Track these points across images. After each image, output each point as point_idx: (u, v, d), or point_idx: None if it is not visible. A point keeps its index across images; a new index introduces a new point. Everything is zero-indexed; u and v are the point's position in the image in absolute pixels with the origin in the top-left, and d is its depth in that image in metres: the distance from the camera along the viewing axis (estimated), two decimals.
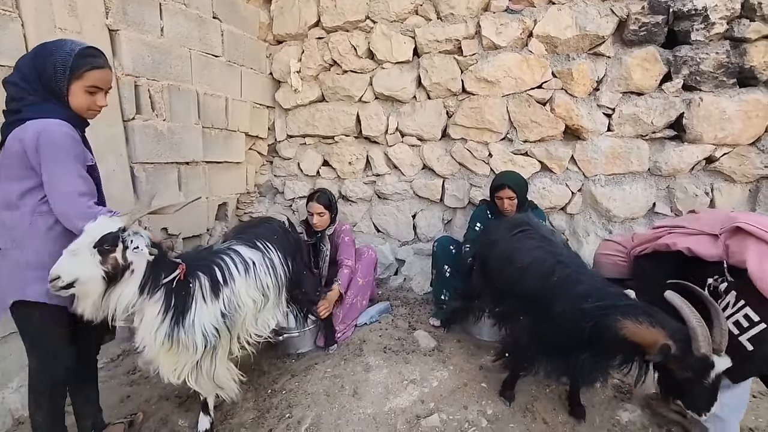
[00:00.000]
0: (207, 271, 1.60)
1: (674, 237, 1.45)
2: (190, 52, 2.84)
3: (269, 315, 1.89)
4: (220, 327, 1.58)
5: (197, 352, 1.51)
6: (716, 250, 1.31)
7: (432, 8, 3.13)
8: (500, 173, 2.71)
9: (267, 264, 1.83)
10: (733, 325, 1.22)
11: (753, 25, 2.48)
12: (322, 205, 2.53)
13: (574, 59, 2.84)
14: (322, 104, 3.58)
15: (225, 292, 1.61)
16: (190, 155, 2.86)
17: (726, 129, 2.60)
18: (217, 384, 1.64)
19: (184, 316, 1.47)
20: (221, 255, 1.71)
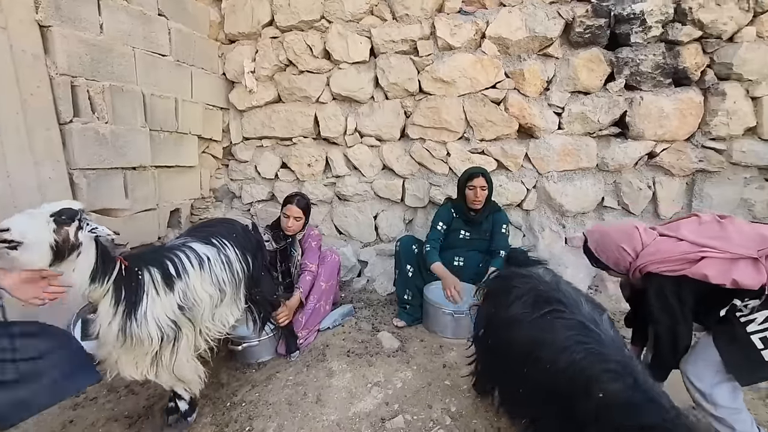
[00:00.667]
0: (158, 264, 1.57)
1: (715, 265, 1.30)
2: (134, 50, 2.68)
3: (227, 311, 1.84)
4: (178, 319, 1.57)
5: (152, 344, 1.49)
6: (761, 277, 1.25)
7: (387, 9, 3.13)
8: (468, 168, 2.72)
9: (222, 260, 1.79)
10: (759, 339, 1.26)
11: (685, 29, 2.66)
12: (300, 209, 2.45)
13: (525, 60, 2.93)
14: (278, 105, 3.49)
15: (179, 285, 1.59)
16: (137, 160, 2.71)
17: (664, 126, 2.77)
18: (178, 377, 1.62)
19: (136, 309, 1.46)
20: (173, 250, 1.68)
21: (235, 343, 2.17)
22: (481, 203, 2.54)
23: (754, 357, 1.26)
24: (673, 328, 1.41)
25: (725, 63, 2.65)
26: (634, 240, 1.51)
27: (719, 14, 2.58)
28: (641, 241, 1.50)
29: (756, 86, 2.66)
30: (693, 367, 1.41)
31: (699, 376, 1.38)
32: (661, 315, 1.42)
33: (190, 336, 1.65)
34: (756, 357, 1.26)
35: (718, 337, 1.36)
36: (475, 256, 2.63)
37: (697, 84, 2.76)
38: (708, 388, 1.36)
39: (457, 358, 2.18)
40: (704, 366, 1.38)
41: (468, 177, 2.55)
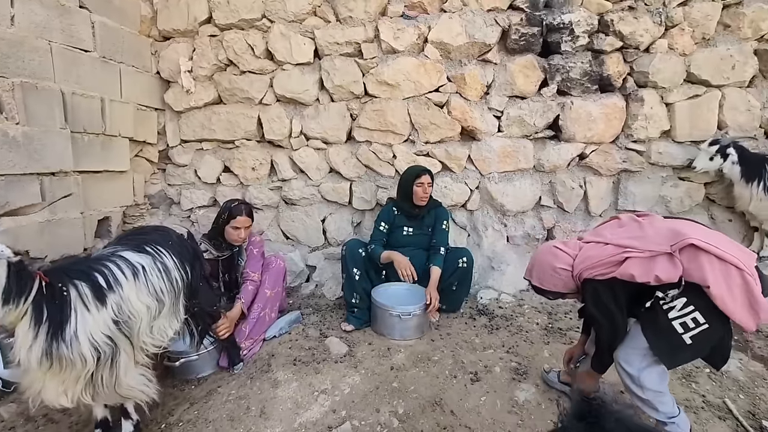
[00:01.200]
0: (85, 278, 1.44)
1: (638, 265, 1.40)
2: (50, 44, 2.46)
3: (165, 323, 1.73)
4: (114, 335, 1.45)
5: (87, 365, 1.36)
6: (677, 271, 1.35)
7: (330, 10, 3.11)
8: (411, 166, 2.79)
9: (159, 268, 1.67)
10: (679, 324, 1.36)
11: (608, 39, 2.87)
12: (250, 218, 2.35)
13: (465, 65, 3.02)
14: (219, 106, 3.35)
15: (112, 298, 1.46)
16: (56, 164, 2.47)
17: (593, 129, 2.97)
18: (123, 394, 1.52)
19: (63, 329, 1.32)
20: (102, 261, 1.54)
21: (172, 359, 2.04)
22: (427, 200, 2.63)
23: (676, 341, 1.37)
24: (612, 327, 1.51)
25: (643, 71, 2.89)
26: (560, 257, 1.60)
27: (636, 27, 2.82)
28: (568, 253, 1.60)
29: (669, 93, 2.93)
30: (623, 353, 1.50)
31: (629, 361, 1.48)
32: (600, 317, 1.52)
33: (128, 351, 1.54)
34: (677, 341, 1.37)
35: (644, 325, 1.46)
36: (421, 255, 2.67)
37: (620, 90, 2.99)
38: (636, 372, 1.45)
39: (404, 359, 2.19)
40: (633, 352, 1.47)
41: (416, 175, 2.60)
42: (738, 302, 1.29)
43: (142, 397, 1.60)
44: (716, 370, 1.67)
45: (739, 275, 1.29)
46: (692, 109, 2.92)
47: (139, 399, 1.59)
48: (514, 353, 2.22)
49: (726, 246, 1.34)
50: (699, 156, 2.79)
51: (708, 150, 2.73)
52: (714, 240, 1.35)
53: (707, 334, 1.35)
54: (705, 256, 1.31)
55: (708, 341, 1.38)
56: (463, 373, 2.06)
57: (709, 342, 1.38)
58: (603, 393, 1.81)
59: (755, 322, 1.29)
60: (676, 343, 1.37)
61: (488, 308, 2.75)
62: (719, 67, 2.86)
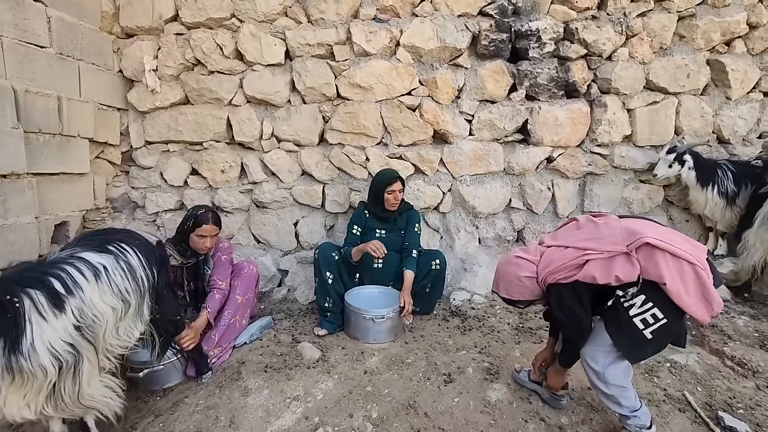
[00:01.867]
0: (39, 284, 1.35)
1: (598, 266, 1.44)
2: (1, 39, 2.31)
3: (131, 323, 1.65)
4: (76, 342, 1.37)
5: (48, 375, 1.29)
6: (635, 270, 1.39)
7: (302, 11, 3.07)
8: (382, 170, 2.78)
9: (123, 267, 1.59)
10: (639, 321, 1.41)
11: (573, 47, 2.97)
12: (217, 226, 2.29)
13: (437, 69, 3.06)
14: (186, 107, 3.24)
15: (72, 302, 1.38)
16: (7, 166, 2.32)
17: (559, 133, 3.06)
18: (87, 405, 1.44)
19: (19, 342, 1.24)
20: (59, 264, 1.45)
21: (135, 370, 1.95)
22: (397, 205, 2.64)
23: (638, 337, 1.42)
24: (578, 327, 1.56)
25: (606, 78, 3.01)
26: (523, 266, 1.63)
27: (599, 35, 2.93)
28: (530, 260, 1.63)
29: (630, 99, 3.06)
30: (589, 351, 1.55)
31: (594, 359, 1.52)
32: (565, 319, 1.56)
33: (92, 358, 1.46)
34: (639, 337, 1.42)
35: (607, 323, 1.51)
36: (394, 257, 2.67)
37: (585, 96, 3.11)
38: (602, 368, 1.50)
39: (378, 363, 2.18)
40: (598, 349, 1.52)
41: (387, 183, 2.59)
42: (692, 296, 1.34)
43: (105, 409, 1.52)
44: (682, 348, 1.75)
45: (692, 270, 1.34)
46: (651, 115, 3.07)
47: (102, 411, 1.51)
48: (486, 353, 2.25)
49: (678, 242, 1.39)
50: (659, 164, 2.92)
51: (666, 158, 2.86)
52: (667, 237, 1.40)
53: (666, 329, 1.41)
54: (660, 253, 1.36)
55: (667, 335, 1.44)
56: (436, 374, 2.07)
57: (668, 335, 1.45)
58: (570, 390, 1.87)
59: (709, 314, 1.35)
60: (637, 339, 1.42)
61: (461, 309, 2.77)
62: (675, 75, 3.01)
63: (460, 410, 1.83)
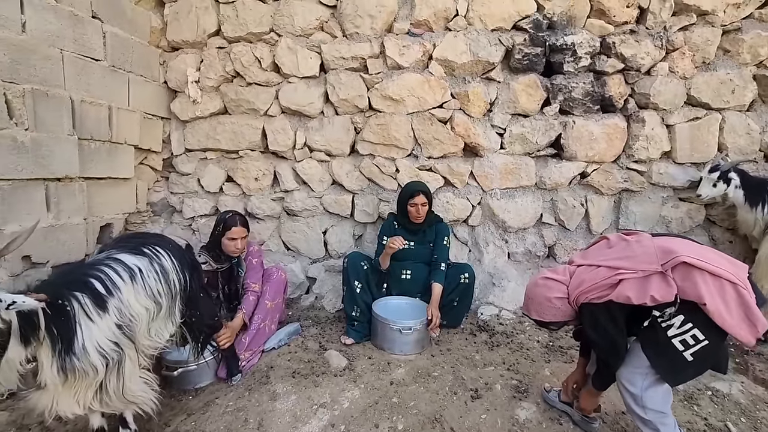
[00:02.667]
0: (83, 287, 1.42)
1: (633, 286, 1.40)
2: (62, 53, 2.49)
3: (162, 325, 1.72)
4: (119, 340, 1.46)
5: (98, 374, 1.38)
6: (671, 289, 1.34)
7: (337, 26, 3.16)
8: (409, 183, 2.80)
9: (156, 270, 1.67)
10: (679, 342, 1.35)
11: (609, 61, 2.92)
12: (245, 228, 2.37)
13: (469, 82, 3.07)
14: (224, 117, 3.38)
15: (112, 302, 1.46)
16: (62, 170, 2.49)
17: (594, 148, 3.00)
18: (128, 400, 1.52)
19: (72, 344, 1.33)
20: (97, 266, 1.53)
21: (170, 369, 2.03)
22: (423, 217, 2.64)
23: (677, 359, 1.35)
24: (612, 348, 1.51)
25: (644, 93, 2.94)
26: (552, 287, 1.60)
27: (638, 50, 2.87)
28: (559, 281, 1.60)
29: (669, 115, 2.97)
30: (625, 373, 1.49)
31: (631, 381, 1.46)
32: (599, 340, 1.52)
33: (132, 355, 1.54)
34: (679, 359, 1.35)
35: (644, 344, 1.45)
36: (422, 268, 2.67)
37: (621, 111, 3.03)
38: (639, 391, 1.44)
39: (404, 374, 2.17)
40: (635, 371, 1.46)
41: (409, 195, 2.61)
42: (735, 317, 1.29)
43: (144, 405, 1.59)
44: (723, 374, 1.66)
45: (733, 289, 1.29)
46: (692, 131, 2.96)
47: (143, 405, 1.59)
48: (514, 371, 2.21)
49: (717, 261, 1.34)
50: (702, 184, 2.78)
51: (710, 177, 2.72)
52: (705, 255, 1.35)
53: (707, 351, 1.34)
54: (698, 273, 1.31)
55: (709, 358, 1.37)
56: (463, 389, 2.04)
57: (710, 358, 1.38)
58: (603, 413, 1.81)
59: (753, 335, 1.29)
60: (677, 361, 1.36)
61: (489, 324, 2.73)
62: (719, 90, 2.90)
63: (488, 427, 1.80)
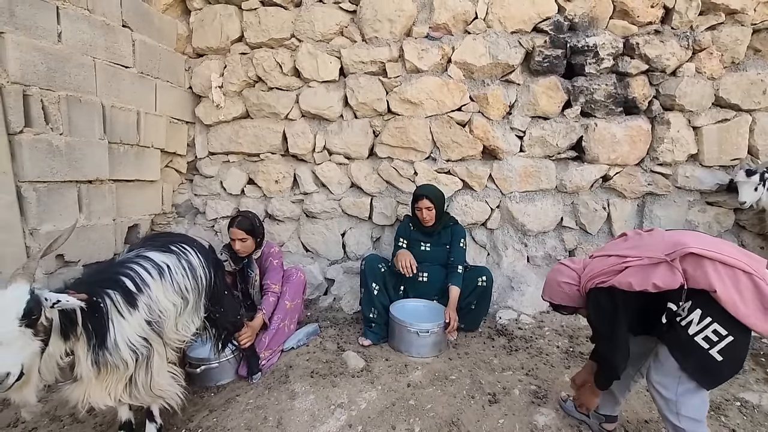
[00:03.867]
0: (115, 285, 1.49)
1: (636, 272, 1.40)
2: (94, 61, 2.61)
3: (188, 320, 1.78)
4: (148, 336, 1.51)
5: (129, 368, 1.45)
6: (676, 278, 1.32)
7: (357, 31, 3.20)
8: (418, 187, 2.83)
9: (184, 266, 1.73)
10: (702, 339, 1.30)
11: (633, 62, 2.87)
12: (243, 230, 2.36)
13: (488, 85, 3.06)
14: (246, 121, 3.47)
15: (142, 299, 1.52)
16: (93, 173, 2.60)
17: (617, 151, 2.94)
18: (156, 394, 1.57)
19: (105, 339, 1.39)
20: (127, 264, 1.59)
21: (193, 366, 2.08)
22: (432, 221, 2.64)
23: (705, 358, 1.29)
24: (611, 337, 1.47)
25: (669, 95, 2.87)
26: (564, 272, 1.65)
27: (663, 50, 2.81)
28: (573, 269, 1.63)
29: (696, 117, 2.89)
30: (656, 376, 1.43)
31: (664, 385, 1.41)
32: (599, 324, 1.52)
33: (160, 350, 1.60)
34: (706, 358, 1.29)
35: (669, 345, 1.39)
36: (439, 271, 2.67)
37: (645, 113, 2.97)
38: (674, 396, 1.38)
39: (421, 377, 2.17)
40: (666, 375, 1.40)
41: (414, 199, 2.64)
42: (750, 306, 1.24)
43: (172, 399, 1.64)
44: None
45: (748, 279, 1.25)
46: (721, 133, 2.87)
47: (169, 400, 1.63)
48: (533, 376, 2.18)
49: (731, 252, 1.31)
50: (743, 190, 2.64)
51: (750, 181, 2.59)
52: (718, 247, 1.32)
53: (735, 348, 1.28)
54: (709, 262, 1.29)
55: (740, 354, 1.30)
56: (480, 393, 2.03)
57: (740, 355, 1.31)
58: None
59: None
60: (706, 361, 1.29)
61: (507, 329, 2.71)
62: (749, 91, 2.81)
63: None
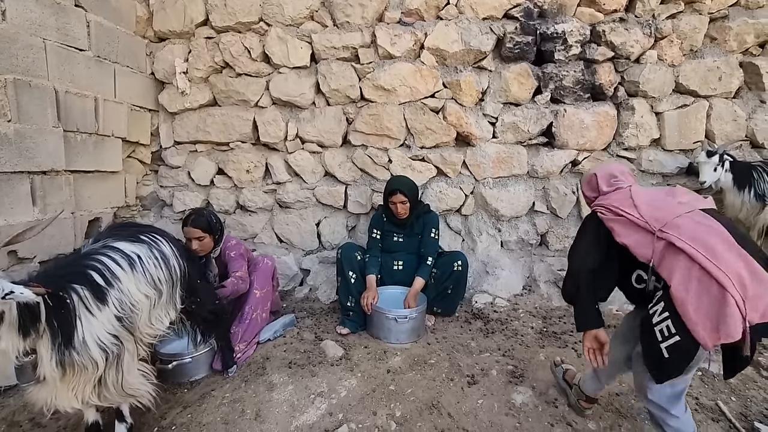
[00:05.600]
0: (82, 279, 1.39)
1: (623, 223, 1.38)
2: (44, 42, 2.43)
3: (162, 312, 1.70)
4: (119, 333, 1.43)
5: (98, 368, 1.36)
6: (647, 251, 1.28)
7: (328, 15, 3.13)
8: (391, 179, 2.78)
9: (156, 256, 1.65)
10: (658, 331, 1.22)
11: (600, 49, 2.94)
12: (199, 229, 2.16)
13: (461, 71, 3.06)
14: (214, 108, 3.33)
15: (112, 294, 1.43)
16: (47, 163, 2.43)
17: (585, 136, 3.02)
18: (127, 393, 1.50)
19: (72, 337, 1.30)
20: (95, 256, 1.49)
21: (165, 362, 2.00)
22: (406, 214, 2.60)
23: (656, 349, 1.22)
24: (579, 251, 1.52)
25: (633, 81, 2.96)
26: (591, 183, 1.69)
27: (627, 38, 2.89)
28: (597, 186, 1.64)
29: (658, 103, 3.00)
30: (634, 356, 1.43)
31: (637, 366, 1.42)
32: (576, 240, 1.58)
33: (131, 348, 1.51)
34: (657, 350, 1.22)
35: (640, 331, 1.34)
36: (413, 259, 2.68)
37: (611, 99, 3.06)
38: (644, 380, 1.37)
39: (401, 363, 2.18)
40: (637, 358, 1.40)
41: (388, 194, 2.59)
42: (701, 315, 1.13)
43: (143, 397, 1.57)
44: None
45: (721, 293, 1.11)
46: (681, 118, 3.00)
47: (140, 399, 1.57)
48: (510, 356, 2.23)
49: (729, 262, 1.15)
50: (703, 171, 2.73)
51: (710, 161, 2.70)
52: (715, 251, 1.17)
53: (680, 350, 1.18)
54: (686, 258, 1.19)
55: (682, 357, 1.19)
56: (459, 376, 2.06)
57: (683, 358, 1.20)
58: None
59: (712, 339, 1.12)
60: (657, 353, 1.22)
61: (483, 312, 2.75)
62: (707, 78, 2.94)
63: (485, 412, 1.81)
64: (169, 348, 2.09)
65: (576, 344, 2.33)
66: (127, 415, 1.63)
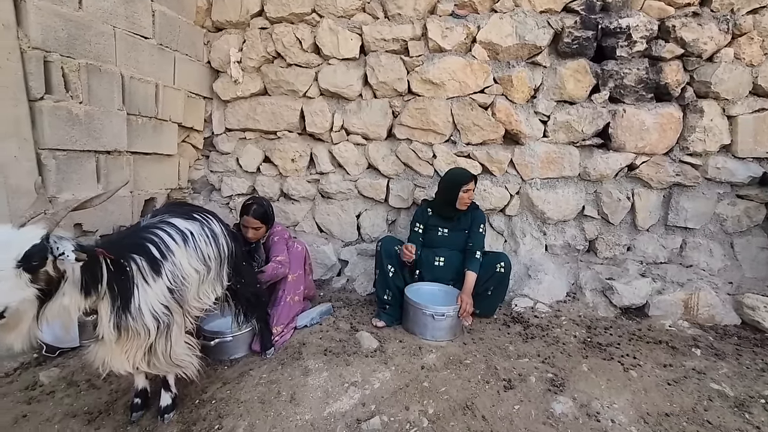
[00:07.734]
0: (141, 250, 1.47)
1: None
2: (114, 30, 2.57)
3: (209, 288, 1.77)
4: (170, 304, 1.50)
5: (150, 336, 1.44)
6: None
7: (380, 7, 3.11)
8: (456, 169, 2.73)
9: (207, 234, 1.71)
10: None
11: (668, 46, 2.74)
12: (258, 219, 2.30)
13: (513, 67, 2.96)
14: (264, 97, 3.42)
15: (166, 266, 1.50)
16: (112, 144, 2.59)
17: (645, 139, 2.83)
18: (174, 363, 1.58)
19: (129, 303, 1.38)
20: (152, 229, 1.57)
21: (208, 339, 2.08)
22: (470, 203, 2.61)
23: None
24: None
25: (704, 81, 2.74)
26: None
27: (700, 34, 2.67)
28: None
29: (732, 105, 2.76)
30: None
31: None
32: None
33: (179, 320, 1.59)
34: None
35: None
36: (456, 255, 2.63)
37: (677, 100, 2.85)
38: None
39: (435, 360, 2.15)
40: None
41: (464, 181, 2.55)
42: None
43: (189, 368, 1.64)
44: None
45: None
46: (757, 123, 2.75)
47: (186, 370, 1.63)
48: (550, 364, 2.14)
49: None
50: None
51: None
52: None
53: None
54: None
55: None
56: (495, 379, 2.00)
57: None
58: None
59: None
60: None
61: (523, 316, 2.66)
62: None
63: (521, 418, 1.75)
64: (212, 326, 2.17)
65: (623, 357, 2.20)
66: (173, 385, 1.71)
